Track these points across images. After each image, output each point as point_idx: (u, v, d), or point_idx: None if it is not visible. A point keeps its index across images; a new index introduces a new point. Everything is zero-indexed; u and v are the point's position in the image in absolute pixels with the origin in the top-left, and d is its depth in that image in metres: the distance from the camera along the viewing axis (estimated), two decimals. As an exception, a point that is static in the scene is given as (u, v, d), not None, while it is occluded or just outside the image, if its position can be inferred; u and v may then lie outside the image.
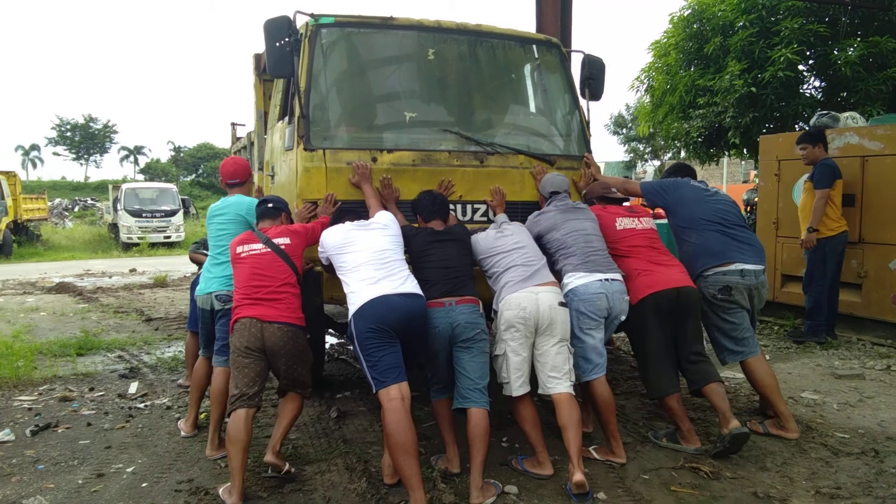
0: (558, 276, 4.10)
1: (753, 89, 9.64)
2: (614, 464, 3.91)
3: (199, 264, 5.89)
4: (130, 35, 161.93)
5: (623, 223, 4.37)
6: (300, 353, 3.82)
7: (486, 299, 4.01)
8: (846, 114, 7.55)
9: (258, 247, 3.89)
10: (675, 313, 4.15)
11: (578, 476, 3.44)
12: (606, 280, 3.98)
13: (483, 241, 4.11)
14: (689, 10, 11.29)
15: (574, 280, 3.99)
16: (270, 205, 4.13)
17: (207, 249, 5.93)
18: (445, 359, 3.77)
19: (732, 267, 4.32)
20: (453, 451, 3.87)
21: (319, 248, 4.00)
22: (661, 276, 4.14)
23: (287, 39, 4.28)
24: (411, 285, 3.67)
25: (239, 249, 3.94)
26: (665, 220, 5.00)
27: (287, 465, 3.82)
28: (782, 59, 9.28)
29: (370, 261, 3.70)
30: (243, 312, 3.76)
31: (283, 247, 3.90)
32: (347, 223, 3.93)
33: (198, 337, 5.80)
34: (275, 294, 3.77)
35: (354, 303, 3.58)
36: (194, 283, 5.96)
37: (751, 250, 4.41)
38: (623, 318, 4.08)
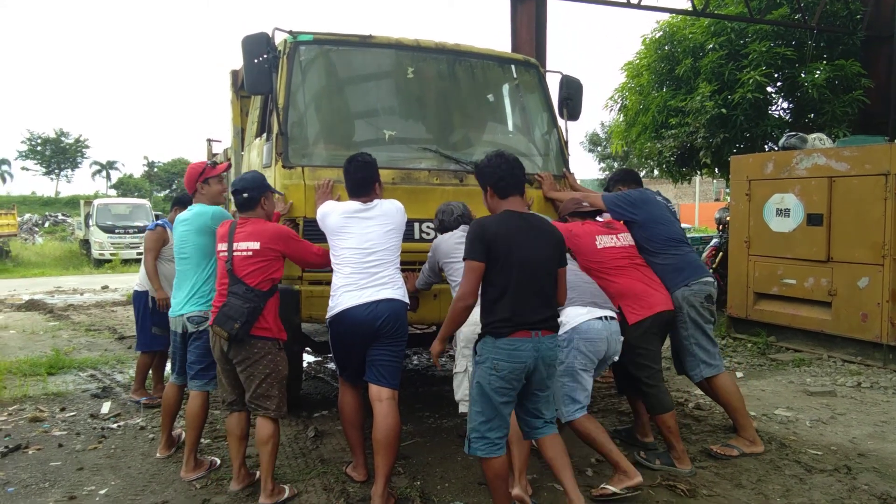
0: None
1: (724, 110, 9.84)
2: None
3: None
4: (104, 49, 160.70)
5: (602, 241, 4.19)
6: (255, 364, 3.64)
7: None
8: (814, 135, 7.74)
9: (222, 247, 3.72)
10: (662, 334, 4.31)
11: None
12: (606, 318, 3.82)
13: (445, 243, 4.04)
14: (661, 33, 11.52)
15: (575, 317, 3.76)
16: (245, 195, 3.73)
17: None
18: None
19: (706, 278, 4.45)
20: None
21: (318, 219, 3.93)
22: (658, 297, 4.19)
23: (265, 56, 4.29)
24: (391, 291, 3.70)
25: (218, 246, 3.82)
26: None
27: (286, 491, 3.76)
28: (751, 81, 9.50)
29: (354, 259, 3.71)
30: (211, 319, 3.72)
31: (249, 252, 3.62)
32: (352, 203, 3.82)
33: (150, 357, 5.75)
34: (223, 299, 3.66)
35: (332, 306, 3.74)
36: (137, 297, 5.77)
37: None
38: (616, 358, 3.99)
